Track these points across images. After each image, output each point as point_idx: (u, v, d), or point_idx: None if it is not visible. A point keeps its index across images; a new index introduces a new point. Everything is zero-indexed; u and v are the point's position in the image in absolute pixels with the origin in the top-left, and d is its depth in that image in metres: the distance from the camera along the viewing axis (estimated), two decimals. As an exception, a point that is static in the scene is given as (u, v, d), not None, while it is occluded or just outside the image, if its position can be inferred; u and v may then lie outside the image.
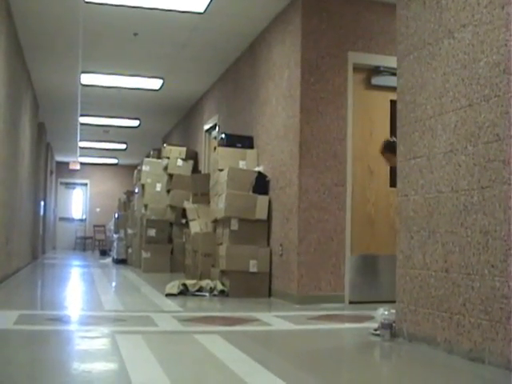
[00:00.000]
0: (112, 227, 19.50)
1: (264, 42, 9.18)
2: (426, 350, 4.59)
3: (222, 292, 8.14)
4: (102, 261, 17.77)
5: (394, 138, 5.94)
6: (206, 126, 13.08)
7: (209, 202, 10.06)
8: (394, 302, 5.22)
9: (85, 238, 26.16)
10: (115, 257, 16.52)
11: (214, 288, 8.21)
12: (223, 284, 8.29)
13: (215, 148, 10.34)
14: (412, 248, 4.93)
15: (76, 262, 17.17)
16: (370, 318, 5.75)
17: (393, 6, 5.56)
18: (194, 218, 10.55)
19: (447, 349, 4.41)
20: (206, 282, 8.39)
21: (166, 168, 13.36)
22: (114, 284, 11.14)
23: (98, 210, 26.51)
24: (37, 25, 9.44)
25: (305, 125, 7.55)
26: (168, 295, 7.97)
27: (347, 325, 6.09)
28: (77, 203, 27.20)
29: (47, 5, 8.60)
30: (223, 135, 9.71)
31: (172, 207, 12.86)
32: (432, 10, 4.79)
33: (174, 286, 8.18)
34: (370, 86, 7.97)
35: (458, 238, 4.35)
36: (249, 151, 9.17)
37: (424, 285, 4.74)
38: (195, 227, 10.29)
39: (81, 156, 23.35)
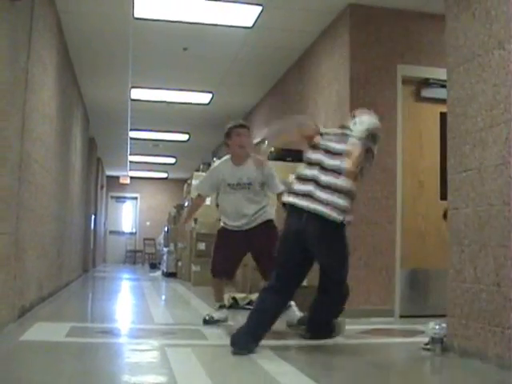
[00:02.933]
0: (162, 241, 19.61)
1: (312, 55, 9.18)
2: (477, 365, 4.53)
3: (271, 305, 8.11)
4: (152, 274, 17.89)
5: None
6: (256, 140, 13.07)
7: (258, 216, 10.05)
8: (444, 316, 5.17)
9: (135, 252, 26.34)
10: (165, 270, 16.61)
11: (264, 301, 8.19)
12: (272, 297, 8.26)
13: (264, 162, 10.33)
14: (463, 262, 4.88)
15: (126, 276, 17.30)
16: (421, 333, 5.70)
17: (442, 17, 5.53)
18: (243, 232, 10.55)
19: (499, 364, 4.35)
20: (255, 296, 8.37)
21: (215, 182, 13.38)
22: (163, 297, 11.19)
23: (147, 223, 26.66)
24: (87, 41, 9.56)
25: (354, 138, 7.52)
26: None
27: (398, 339, 6.04)
28: (127, 217, 27.41)
29: (97, 21, 8.72)
30: (272, 149, 9.71)
31: (221, 221, 12.86)
32: (481, 22, 4.75)
33: (223, 300, 8.18)
34: (419, 98, 7.91)
35: (510, 251, 4.29)
36: (299, 165, 9.13)
37: (475, 299, 4.68)
38: (245, 241, 10.28)
39: (131, 170, 23.56)
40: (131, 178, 25.51)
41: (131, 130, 15.88)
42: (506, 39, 4.45)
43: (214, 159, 14.36)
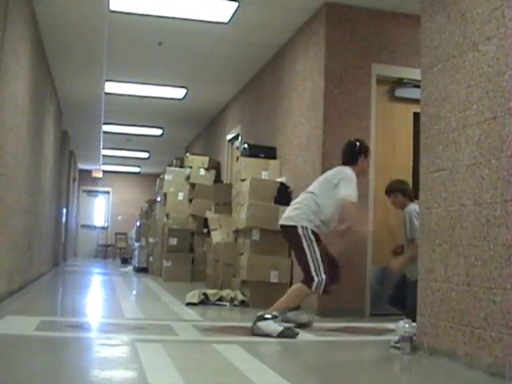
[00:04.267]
0: (133, 235, 19.56)
1: (287, 52, 9.19)
2: (446, 364, 4.56)
3: (242, 302, 8.14)
4: (123, 269, 17.82)
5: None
6: (229, 136, 13.10)
7: (231, 212, 10.07)
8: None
9: (106, 246, 26.25)
10: (136, 265, 16.57)
11: (235, 298, 8.21)
12: (244, 294, 8.28)
13: (238, 158, 10.35)
14: (434, 261, 4.91)
15: (97, 270, 17.23)
16: (391, 331, 5.73)
17: (417, 18, 5.55)
18: (215, 228, 10.57)
19: (468, 363, 4.38)
20: (226, 292, 8.39)
21: (188, 177, 13.40)
22: (134, 292, 11.17)
23: (119, 218, 26.58)
24: (61, 33, 9.51)
25: (328, 136, 7.54)
26: (188, 304, 7.98)
27: (367, 337, 6.06)
28: (99, 211, 27.30)
29: (72, 13, 8.67)
30: (246, 145, 9.72)
31: (194, 216, 12.88)
32: (457, 23, 4.78)
33: (194, 295, 8.19)
34: (393, 98, 7.96)
35: (481, 251, 4.32)
36: (271, 162, 9.17)
37: (445, 298, 4.71)
38: (217, 237, 10.30)
39: (103, 164, 23.42)
40: (104, 171, 25.34)
41: (105, 123, 15.79)
42: (480, 41, 4.48)
43: (187, 154, 14.38)
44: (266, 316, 5.78)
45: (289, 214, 6.31)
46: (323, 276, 5.94)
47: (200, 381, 3.92)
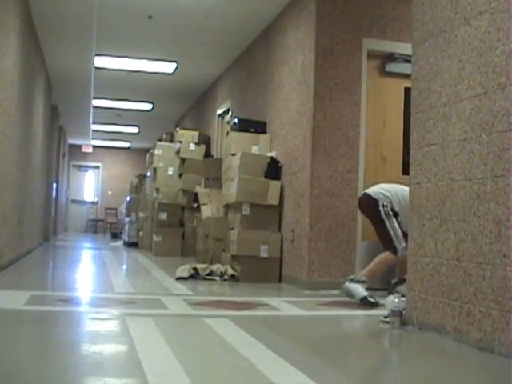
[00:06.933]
0: (124, 210, 19.55)
1: (278, 27, 9.15)
2: (435, 339, 4.59)
3: (232, 276, 8.15)
4: (113, 244, 17.80)
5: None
6: (219, 111, 13.06)
7: (221, 187, 10.06)
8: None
9: (96, 221, 26.22)
10: (126, 240, 16.56)
11: (225, 272, 8.23)
12: (234, 268, 8.30)
13: (228, 133, 10.33)
14: (424, 236, 4.92)
15: (87, 245, 17.23)
16: (380, 305, 5.76)
17: (409, -8, 5.53)
18: (205, 203, 10.56)
19: (457, 338, 4.40)
20: (216, 267, 8.40)
21: (178, 152, 13.36)
22: (124, 267, 11.17)
23: (109, 192, 26.56)
24: (51, 7, 9.42)
25: (318, 110, 7.52)
26: (178, 279, 7.99)
27: (357, 311, 6.08)
28: (89, 186, 27.26)
29: (62, -14, 8.61)
30: (236, 120, 9.69)
31: (184, 191, 12.87)
32: (448, -3, 4.76)
33: (184, 270, 8.20)
34: (384, 72, 7.93)
35: (470, 226, 4.33)
36: (261, 136, 9.15)
37: (435, 273, 4.73)
38: (207, 211, 10.30)
39: (93, 139, 23.39)
40: (94, 146, 25.32)
41: (94, 98, 15.73)
42: (472, 15, 4.47)
43: (177, 129, 14.34)
44: (358, 279, 6.27)
45: (376, 191, 6.67)
46: (403, 244, 6.20)
47: (190, 355, 3.93)
